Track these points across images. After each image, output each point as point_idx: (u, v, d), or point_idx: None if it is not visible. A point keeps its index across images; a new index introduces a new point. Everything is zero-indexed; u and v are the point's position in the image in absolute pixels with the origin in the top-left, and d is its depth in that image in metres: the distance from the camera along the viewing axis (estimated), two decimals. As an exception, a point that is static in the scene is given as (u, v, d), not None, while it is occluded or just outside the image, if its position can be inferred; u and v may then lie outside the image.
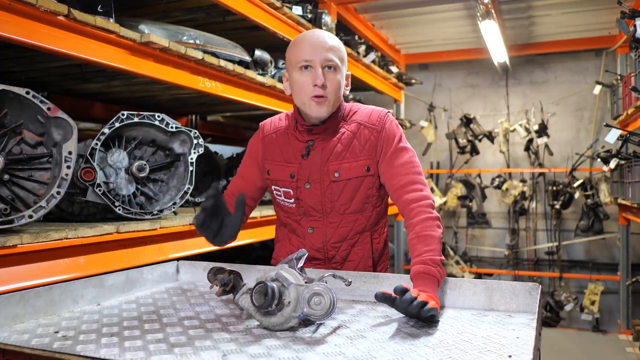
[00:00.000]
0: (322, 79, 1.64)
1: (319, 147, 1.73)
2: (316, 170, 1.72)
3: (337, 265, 1.79)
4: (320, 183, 1.72)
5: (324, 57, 1.65)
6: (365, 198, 1.74)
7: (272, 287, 1.27)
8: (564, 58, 6.63)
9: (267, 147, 1.82)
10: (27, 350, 1.17)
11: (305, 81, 1.66)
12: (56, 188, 1.79)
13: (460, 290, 1.55)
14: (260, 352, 1.15)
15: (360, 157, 1.71)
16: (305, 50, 1.66)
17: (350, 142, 1.72)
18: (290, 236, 1.84)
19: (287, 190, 1.77)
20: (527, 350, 1.14)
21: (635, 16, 3.24)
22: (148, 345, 1.20)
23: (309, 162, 1.73)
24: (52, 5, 1.80)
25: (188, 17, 3.20)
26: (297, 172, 1.74)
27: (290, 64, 1.71)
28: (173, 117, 2.50)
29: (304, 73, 1.67)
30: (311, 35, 1.70)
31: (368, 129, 1.73)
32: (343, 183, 1.71)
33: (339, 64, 1.68)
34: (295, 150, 1.76)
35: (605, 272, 6.32)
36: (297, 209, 1.77)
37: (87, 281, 1.59)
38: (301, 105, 1.71)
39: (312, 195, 1.73)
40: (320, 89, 1.64)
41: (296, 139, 1.77)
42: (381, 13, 5.32)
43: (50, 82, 3.01)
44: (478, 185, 6.71)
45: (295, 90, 1.70)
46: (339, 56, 1.69)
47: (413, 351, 1.15)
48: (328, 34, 1.72)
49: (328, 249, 1.77)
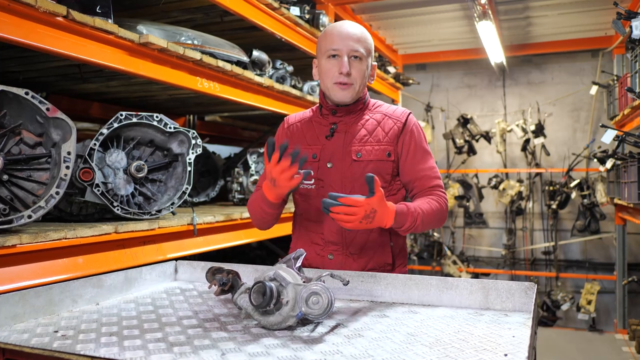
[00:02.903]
0: (347, 67, 1.76)
1: (342, 130, 1.84)
2: (339, 151, 1.81)
3: (355, 251, 1.82)
4: (342, 162, 1.79)
5: (350, 47, 1.77)
6: (384, 182, 1.81)
7: (270, 286, 1.28)
8: (561, 59, 6.65)
9: (291, 134, 1.92)
10: (27, 349, 1.18)
11: (331, 68, 1.79)
12: (55, 188, 1.80)
13: (457, 289, 1.56)
14: (259, 351, 1.16)
15: (382, 142, 1.81)
16: (334, 39, 1.78)
17: (374, 129, 1.83)
18: (306, 223, 1.87)
19: (308, 171, 1.80)
20: (523, 348, 1.15)
21: (631, 17, 3.26)
22: (147, 344, 1.21)
23: (332, 142, 1.82)
24: (50, 6, 1.80)
25: (186, 18, 3.20)
26: (320, 152, 1.82)
27: (319, 51, 1.84)
28: (171, 117, 2.50)
29: (331, 61, 1.79)
30: (340, 26, 1.82)
31: (392, 120, 1.85)
32: (364, 164, 1.79)
33: (364, 54, 1.80)
34: (319, 133, 1.86)
35: (602, 271, 6.35)
36: (317, 191, 1.82)
37: (86, 281, 1.60)
38: (326, 90, 1.83)
39: (333, 174, 1.80)
40: (345, 77, 1.77)
41: (320, 123, 1.88)
42: (379, 13, 5.33)
43: (49, 82, 3.01)
44: (475, 185, 6.73)
45: (322, 75, 1.83)
46: (365, 47, 1.80)
47: (410, 350, 1.16)
48: (357, 26, 1.84)
49: (346, 233, 1.81)
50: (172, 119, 2.41)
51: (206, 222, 2.58)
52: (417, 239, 6.86)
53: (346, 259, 1.82)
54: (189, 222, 2.48)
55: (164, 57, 2.40)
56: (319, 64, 1.85)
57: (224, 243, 2.78)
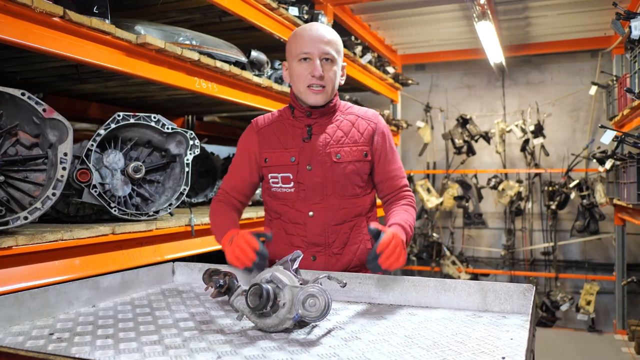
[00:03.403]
0: (320, 71, 1.76)
1: (318, 131, 1.83)
2: (318, 153, 1.80)
3: (338, 251, 1.82)
4: (322, 165, 1.80)
5: (321, 49, 1.77)
6: (362, 182, 1.84)
7: (267, 288, 1.27)
8: (560, 59, 6.65)
9: (263, 138, 1.88)
10: (21, 352, 1.17)
11: (303, 72, 1.78)
12: (52, 189, 1.79)
13: (455, 291, 1.56)
14: (255, 353, 1.16)
15: (359, 143, 1.83)
16: (305, 42, 1.78)
17: (349, 130, 1.85)
18: (287, 226, 1.86)
19: (286, 175, 1.82)
20: (521, 352, 1.14)
21: (631, 17, 3.25)
22: (143, 347, 1.21)
23: (310, 145, 1.82)
24: (47, 6, 1.80)
25: (184, 18, 3.19)
26: (298, 155, 1.81)
27: (290, 54, 1.83)
28: (170, 117, 2.49)
29: (302, 64, 1.79)
30: (310, 29, 1.82)
31: (365, 121, 1.87)
32: (344, 165, 1.80)
33: (335, 56, 1.81)
34: (294, 135, 1.84)
35: (601, 272, 6.34)
36: (297, 194, 1.82)
37: (83, 283, 1.59)
38: (298, 94, 1.83)
39: (313, 177, 1.80)
40: (318, 80, 1.77)
41: (293, 125, 1.85)
42: (378, 14, 5.33)
43: (47, 82, 3.01)
44: (474, 185, 6.73)
45: (293, 79, 1.83)
46: (335, 49, 1.81)
47: (407, 352, 1.16)
48: (326, 28, 1.85)
49: (329, 233, 1.82)
50: (171, 119, 2.40)
51: (204, 223, 2.57)
52: (416, 239, 6.85)
53: (329, 259, 1.83)
54: (187, 223, 2.47)
55: (162, 58, 2.39)
56: (289, 67, 1.84)
57: (222, 244, 2.77)
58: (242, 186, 1.91)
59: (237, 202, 1.92)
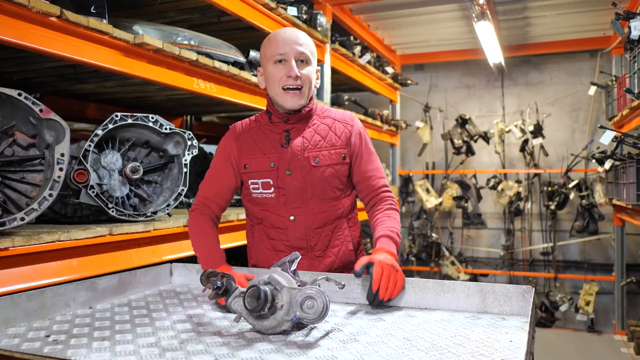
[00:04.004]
0: (296, 71, 1.76)
1: (296, 136, 1.83)
2: (297, 157, 1.80)
3: (320, 253, 1.83)
4: (301, 169, 1.80)
5: (296, 50, 1.78)
6: (341, 185, 1.86)
7: (265, 290, 1.27)
8: (559, 59, 6.64)
9: (241, 144, 1.88)
10: (17, 354, 1.17)
11: (278, 73, 1.78)
12: (48, 190, 1.78)
13: (454, 293, 1.55)
14: (253, 356, 1.15)
15: (337, 146, 1.84)
16: (279, 45, 1.78)
17: (326, 134, 1.85)
18: (268, 231, 1.86)
19: (267, 181, 1.82)
20: (520, 354, 1.13)
21: (630, 17, 3.25)
22: (140, 349, 1.20)
23: (289, 150, 1.81)
24: (44, 6, 1.78)
25: (183, 18, 3.18)
26: (277, 160, 1.81)
27: (265, 58, 1.83)
28: (168, 117, 2.49)
29: (277, 66, 1.79)
30: (284, 32, 1.83)
31: (342, 124, 1.88)
32: (323, 169, 1.81)
33: (310, 57, 1.82)
34: (272, 141, 1.84)
35: (600, 272, 6.34)
36: (277, 199, 1.82)
37: (80, 284, 1.58)
38: (275, 97, 1.82)
39: (293, 181, 1.80)
40: (293, 80, 1.76)
41: (271, 131, 1.86)
42: (377, 14, 5.32)
43: (44, 82, 3.00)
44: (473, 185, 6.72)
45: (269, 82, 1.82)
46: (310, 50, 1.82)
47: (406, 355, 1.15)
48: (299, 31, 1.85)
49: (310, 236, 1.82)
50: (169, 119, 2.40)
51: (202, 224, 2.56)
52: (415, 239, 6.85)
53: (312, 262, 1.83)
54: (185, 224, 2.46)
55: (160, 58, 2.38)
56: (264, 71, 1.84)
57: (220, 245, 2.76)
58: (225, 190, 1.89)
59: (217, 209, 1.90)
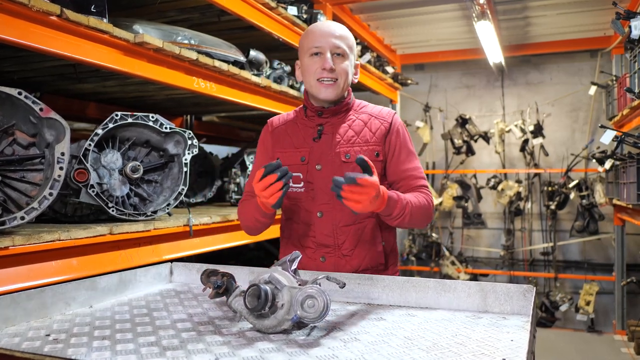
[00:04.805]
0: (331, 64, 1.76)
1: (329, 131, 1.82)
2: (327, 153, 1.79)
3: (347, 252, 1.81)
4: (332, 165, 1.78)
5: (332, 43, 1.78)
6: None
7: (265, 289, 1.26)
8: (560, 59, 6.64)
9: (276, 138, 1.90)
10: (17, 353, 1.16)
11: (313, 65, 1.79)
12: (48, 189, 1.78)
13: (455, 292, 1.54)
14: (253, 355, 1.15)
15: (370, 143, 1.81)
16: (316, 37, 1.79)
17: (361, 130, 1.82)
18: (297, 226, 1.86)
19: (297, 175, 1.82)
20: (521, 353, 1.13)
21: (630, 17, 3.24)
22: (140, 348, 1.19)
23: (320, 144, 1.81)
24: (44, 5, 1.78)
25: (183, 17, 3.18)
26: (308, 154, 1.81)
27: (302, 51, 1.84)
28: (168, 117, 2.48)
29: (313, 58, 1.79)
30: (322, 25, 1.84)
31: (379, 120, 1.85)
32: (354, 165, 1.76)
33: (347, 51, 1.80)
34: (305, 135, 1.85)
35: (601, 272, 6.33)
36: (306, 194, 1.81)
37: (80, 283, 1.58)
38: (309, 88, 1.83)
39: (322, 177, 1.79)
40: (328, 72, 1.76)
41: (305, 125, 1.86)
42: (377, 13, 5.32)
43: (44, 82, 3.00)
44: (474, 185, 6.72)
45: (305, 74, 1.83)
46: (347, 44, 1.81)
47: (407, 354, 1.15)
48: (338, 25, 1.85)
49: (338, 234, 1.80)
50: (169, 119, 2.39)
51: (202, 223, 2.56)
52: (415, 239, 6.85)
53: (339, 261, 1.81)
54: (185, 223, 2.46)
55: (160, 57, 2.38)
56: (301, 64, 1.85)
57: (220, 244, 2.77)
58: None
59: None
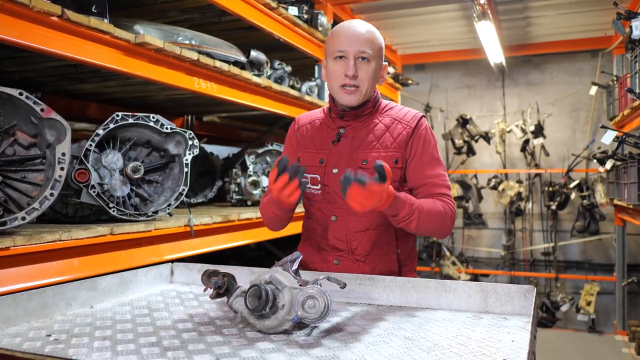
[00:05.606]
0: (353, 70, 1.70)
1: (350, 135, 1.79)
2: (345, 157, 1.77)
3: (361, 258, 1.79)
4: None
5: (357, 48, 1.71)
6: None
7: (266, 289, 1.26)
8: (560, 59, 6.64)
9: (300, 136, 1.89)
10: (18, 354, 1.16)
11: (337, 70, 1.74)
12: (49, 190, 1.78)
13: (456, 292, 1.54)
14: (254, 355, 1.15)
15: (390, 149, 1.75)
16: (341, 40, 1.73)
17: (382, 135, 1.77)
18: (315, 227, 1.86)
19: (315, 176, 1.81)
20: (522, 354, 1.13)
21: (631, 17, 3.24)
22: (141, 349, 1.19)
23: (339, 148, 1.79)
24: (45, 5, 1.78)
25: (183, 18, 3.18)
26: (327, 157, 1.79)
27: (327, 52, 1.79)
28: (169, 117, 2.48)
29: (337, 62, 1.74)
30: (348, 27, 1.76)
31: (402, 125, 1.78)
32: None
33: (372, 55, 1.73)
34: (327, 137, 1.83)
35: (601, 272, 6.33)
36: (323, 196, 1.81)
37: (81, 283, 1.58)
38: (332, 92, 1.79)
39: (338, 180, 1.73)
40: (350, 79, 1.72)
41: (328, 127, 1.85)
42: (377, 13, 5.31)
43: (45, 82, 3.00)
44: (474, 185, 6.72)
45: (329, 77, 1.78)
46: (373, 48, 1.73)
47: (407, 355, 1.15)
48: (365, 26, 1.77)
49: (351, 239, 1.78)
50: (170, 119, 2.39)
51: (203, 224, 2.56)
52: (416, 239, 6.84)
53: (352, 265, 1.79)
54: (186, 224, 2.46)
55: (161, 57, 2.38)
56: (326, 65, 1.80)
57: (221, 244, 2.77)
58: None
59: None
